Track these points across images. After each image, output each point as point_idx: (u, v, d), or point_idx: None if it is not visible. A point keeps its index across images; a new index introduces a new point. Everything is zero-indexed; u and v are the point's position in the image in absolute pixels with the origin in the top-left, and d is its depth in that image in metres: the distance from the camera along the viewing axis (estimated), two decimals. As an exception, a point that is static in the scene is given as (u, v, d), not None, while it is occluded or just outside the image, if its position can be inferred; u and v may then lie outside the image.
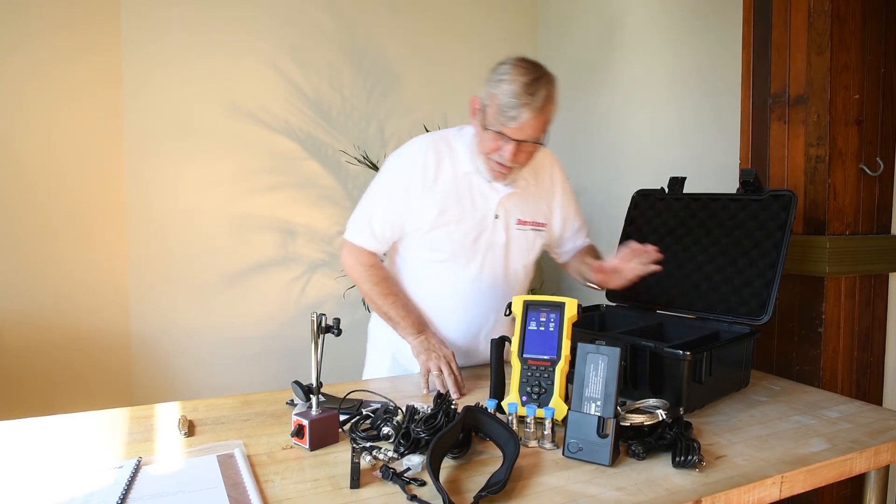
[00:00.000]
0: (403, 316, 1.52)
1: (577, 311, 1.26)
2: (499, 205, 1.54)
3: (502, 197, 1.54)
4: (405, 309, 1.53)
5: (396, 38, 3.15)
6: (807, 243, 1.73)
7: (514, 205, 1.57)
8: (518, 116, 1.35)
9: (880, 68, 1.76)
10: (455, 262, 1.54)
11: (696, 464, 1.02)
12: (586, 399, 1.08)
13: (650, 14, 2.69)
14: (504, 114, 1.36)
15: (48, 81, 2.51)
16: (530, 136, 1.39)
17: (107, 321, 2.69)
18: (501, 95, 1.36)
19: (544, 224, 1.63)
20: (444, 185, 1.51)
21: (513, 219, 1.57)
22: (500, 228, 1.55)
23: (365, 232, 1.56)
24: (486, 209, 1.53)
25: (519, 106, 1.34)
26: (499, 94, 1.37)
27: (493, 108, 1.38)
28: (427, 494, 0.93)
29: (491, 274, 1.57)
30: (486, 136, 1.41)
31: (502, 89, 1.36)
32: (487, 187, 1.53)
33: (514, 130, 1.37)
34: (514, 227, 1.57)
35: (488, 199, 1.53)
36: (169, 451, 1.10)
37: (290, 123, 2.95)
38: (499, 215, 1.54)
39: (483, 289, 1.57)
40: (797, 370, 1.77)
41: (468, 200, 1.52)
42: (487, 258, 1.55)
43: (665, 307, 1.62)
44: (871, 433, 1.18)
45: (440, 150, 1.52)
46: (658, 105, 2.66)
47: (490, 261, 1.56)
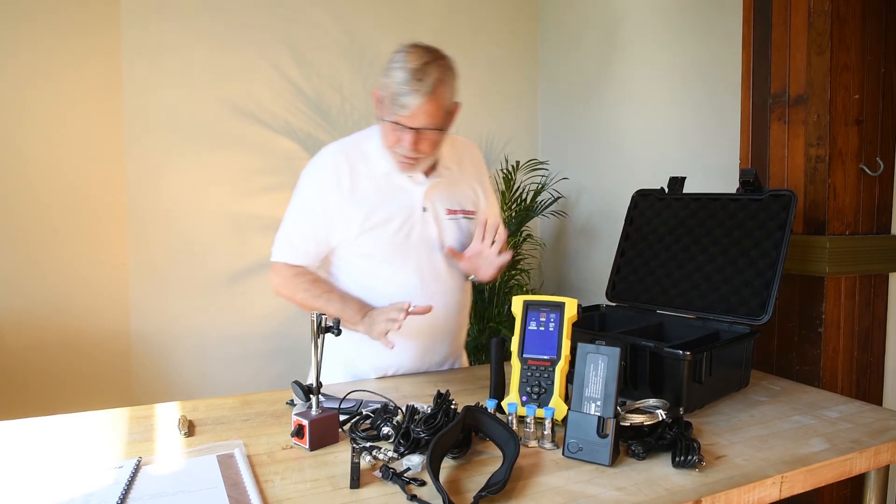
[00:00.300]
0: (342, 308, 1.46)
1: (577, 311, 1.26)
2: (424, 197, 1.51)
3: (426, 188, 1.50)
4: (342, 301, 1.48)
5: (396, 38, 3.14)
6: (807, 243, 1.73)
7: (441, 195, 1.53)
8: (408, 104, 1.32)
9: (880, 68, 1.76)
10: (391, 262, 1.51)
11: (696, 464, 1.02)
12: (586, 399, 1.08)
13: (650, 14, 2.69)
14: (395, 102, 1.33)
15: (49, 82, 2.51)
16: (426, 123, 1.35)
17: (107, 321, 2.69)
18: (392, 84, 1.33)
19: (474, 211, 1.60)
20: (363, 190, 1.47)
21: (441, 209, 1.53)
22: (431, 220, 1.52)
23: (287, 250, 1.52)
24: (412, 204, 1.50)
25: (409, 93, 1.31)
26: (390, 83, 1.33)
27: (388, 99, 1.35)
28: (427, 494, 0.93)
29: (431, 268, 1.53)
30: (386, 127, 1.39)
31: (392, 78, 1.33)
32: (409, 182, 1.49)
33: (408, 118, 1.34)
34: (444, 218, 1.54)
35: (412, 193, 1.50)
36: (169, 451, 1.10)
37: (290, 123, 2.95)
38: (426, 208, 1.51)
39: (427, 283, 1.53)
40: (797, 370, 1.77)
41: (391, 199, 1.48)
42: (424, 253, 1.52)
43: (665, 307, 1.62)
44: (871, 433, 1.18)
45: (351, 157, 1.49)
46: (658, 105, 2.66)
47: (427, 255, 1.52)
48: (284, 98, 2.94)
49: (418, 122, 1.35)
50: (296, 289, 1.50)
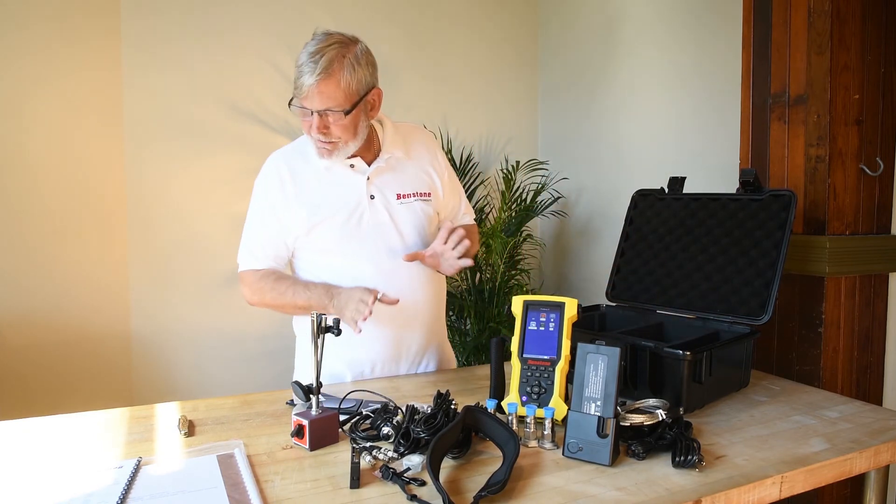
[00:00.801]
0: (309, 296, 1.47)
1: (577, 311, 1.26)
2: (369, 185, 1.51)
3: (370, 175, 1.51)
4: (307, 288, 1.48)
5: (396, 38, 3.15)
6: (807, 243, 1.73)
7: (388, 181, 1.54)
8: (303, 84, 1.34)
9: (880, 68, 1.76)
10: (346, 254, 1.51)
11: (696, 464, 1.02)
12: (586, 399, 1.08)
13: (650, 14, 2.69)
14: (295, 85, 1.36)
15: (49, 83, 2.51)
16: (324, 104, 1.35)
17: (107, 321, 2.69)
18: (295, 69, 1.36)
19: (429, 193, 1.59)
20: (306, 188, 1.50)
21: (391, 195, 1.53)
22: (380, 207, 1.51)
23: (249, 258, 1.57)
24: (357, 193, 1.50)
25: (303, 73, 1.33)
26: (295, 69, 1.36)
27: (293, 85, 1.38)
28: (427, 494, 0.93)
29: (390, 255, 1.52)
30: (296, 114, 1.41)
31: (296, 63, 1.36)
32: (351, 172, 1.50)
33: (305, 100, 1.36)
34: (394, 203, 1.53)
35: (356, 182, 1.51)
36: (169, 451, 1.10)
37: (290, 123, 2.95)
38: (374, 195, 1.51)
39: (385, 271, 1.52)
40: (797, 370, 1.77)
41: (335, 191, 1.50)
42: (378, 241, 1.51)
43: (665, 307, 1.62)
44: (871, 433, 1.18)
45: (291, 159, 1.53)
46: (658, 105, 2.66)
47: (383, 243, 1.52)
48: (284, 98, 2.92)
49: (315, 104, 1.36)
50: (262, 292, 1.53)
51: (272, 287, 1.51)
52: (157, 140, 2.74)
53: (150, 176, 2.74)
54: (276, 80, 2.91)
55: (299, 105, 1.38)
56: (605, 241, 3.05)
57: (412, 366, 1.61)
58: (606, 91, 2.97)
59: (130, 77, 2.68)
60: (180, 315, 2.81)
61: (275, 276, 1.54)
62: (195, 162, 2.81)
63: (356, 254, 1.51)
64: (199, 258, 2.83)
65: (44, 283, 2.54)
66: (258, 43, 2.87)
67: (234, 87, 2.85)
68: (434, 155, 1.64)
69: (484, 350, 3.02)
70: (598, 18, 3.02)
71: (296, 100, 1.38)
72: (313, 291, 1.48)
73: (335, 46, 1.34)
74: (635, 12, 2.77)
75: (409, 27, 3.19)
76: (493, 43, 3.42)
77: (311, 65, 1.32)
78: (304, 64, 1.33)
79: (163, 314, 2.79)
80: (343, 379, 1.56)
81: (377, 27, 3.11)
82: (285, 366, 2.92)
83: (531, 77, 3.55)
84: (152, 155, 2.74)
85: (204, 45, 2.78)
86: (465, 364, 2.98)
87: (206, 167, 2.82)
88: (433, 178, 1.61)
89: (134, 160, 2.71)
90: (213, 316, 2.86)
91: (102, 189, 2.66)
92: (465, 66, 3.35)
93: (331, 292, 1.46)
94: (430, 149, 1.64)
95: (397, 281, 1.52)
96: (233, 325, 2.89)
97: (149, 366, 2.78)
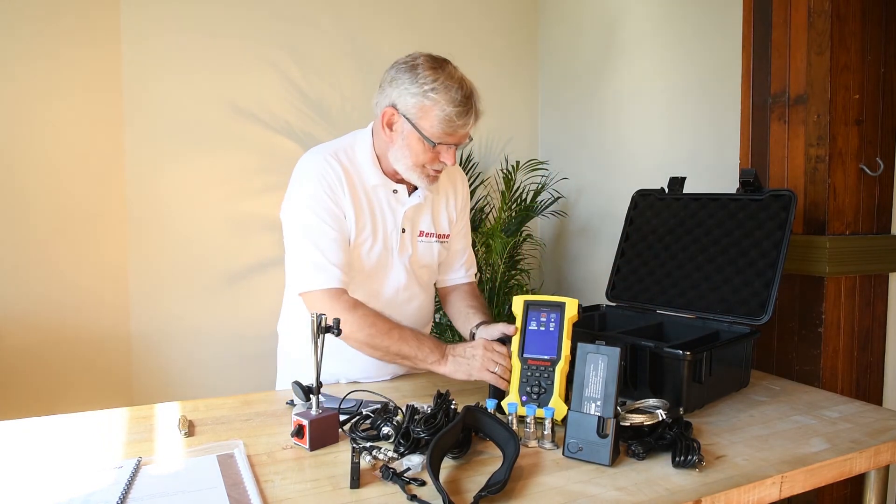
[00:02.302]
0: (418, 347, 1.34)
1: (578, 311, 1.26)
2: (405, 218, 1.48)
3: (407, 210, 1.48)
4: (417, 339, 1.35)
5: (396, 38, 3.15)
6: (807, 243, 1.73)
7: (418, 217, 1.52)
8: (467, 123, 1.34)
9: (880, 68, 1.76)
10: (376, 278, 1.48)
11: (696, 464, 1.02)
12: (586, 399, 1.08)
13: (650, 14, 2.69)
14: (444, 123, 1.32)
15: (48, 82, 2.51)
16: (464, 139, 1.39)
17: (107, 321, 2.69)
18: (441, 104, 1.31)
19: (447, 236, 1.58)
20: (356, 194, 1.43)
21: (416, 231, 1.52)
22: (408, 241, 1.50)
23: (324, 272, 1.35)
24: (394, 223, 1.47)
25: (463, 114, 1.32)
26: (434, 105, 1.31)
27: (431, 120, 1.32)
28: (427, 494, 0.93)
29: (407, 287, 1.52)
30: (422, 147, 1.35)
31: (437, 99, 1.31)
32: (393, 199, 1.47)
33: (459, 136, 1.36)
34: (417, 240, 1.52)
35: (396, 212, 1.47)
36: (169, 451, 1.10)
37: (290, 123, 2.95)
38: (405, 228, 1.49)
39: (401, 302, 1.52)
40: (797, 370, 1.77)
41: (379, 214, 1.46)
42: (401, 271, 1.50)
43: (665, 307, 1.62)
44: (871, 433, 1.18)
45: (341, 159, 1.42)
46: (658, 105, 2.66)
47: (404, 274, 1.50)
48: (284, 98, 2.94)
49: (465, 139, 1.38)
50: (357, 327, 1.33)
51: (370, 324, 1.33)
52: (157, 140, 2.74)
53: (150, 176, 2.74)
54: (276, 81, 2.91)
55: (450, 142, 1.35)
56: (605, 241, 3.05)
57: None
58: (606, 91, 2.97)
59: (130, 77, 2.68)
60: (180, 315, 2.81)
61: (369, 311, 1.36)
62: (195, 162, 2.80)
63: (383, 281, 1.49)
64: (199, 258, 2.83)
65: (43, 283, 2.54)
66: (258, 43, 2.87)
67: (234, 87, 2.85)
68: (458, 195, 1.61)
69: (484, 350, 3.02)
70: (598, 18, 3.02)
71: (441, 136, 1.33)
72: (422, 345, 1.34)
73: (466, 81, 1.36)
74: (635, 12, 2.77)
75: (410, 27, 3.19)
76: (493, 43, 3.42)
77: (470, 105, 1.34)
78: (461, 101, 1.32)
79: (163, 314, 2.79)
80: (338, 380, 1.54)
81: (377, 27, 3.11)
82: (285, 366, 2.94)
83: (531, 77, 3.55)
84: (152, 155, 2.74)
85: (204, 45, 2.78)
86: (465, 364, 2.97)
87: (206, 167, 2.82)
88: (453, 220, 1.60)
89: (134, 160, 2.71)
90: (212, 316, 2.86)
91: (102, 189, 2.66)
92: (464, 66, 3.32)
93: (446, 356, 1.34)
94: (457, 187, 1.61)
95: (408, 312, 1.53)
96: (233, 325, 2.89)
97: (149, 366, 2.78)
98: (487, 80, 3.42)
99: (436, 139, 1.33)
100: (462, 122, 1.33)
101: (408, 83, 1.33)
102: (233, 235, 2.88)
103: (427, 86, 1.31)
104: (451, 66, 1.37)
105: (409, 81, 1.33)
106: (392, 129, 1.38)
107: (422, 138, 1.34)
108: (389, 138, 1.39)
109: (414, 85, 1.32)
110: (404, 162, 1.38)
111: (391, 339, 1.33)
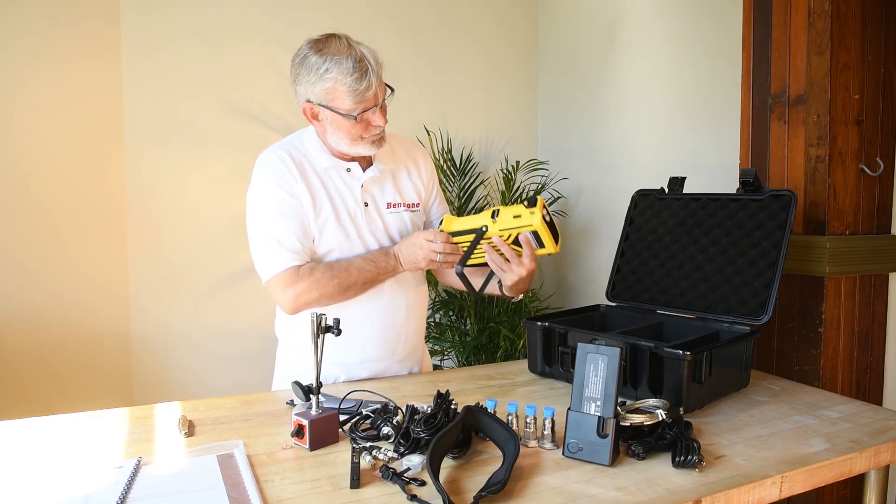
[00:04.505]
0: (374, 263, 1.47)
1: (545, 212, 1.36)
2: (363, 192, 1.52)
3: (364, 183, 1.52)
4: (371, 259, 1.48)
5: (396, 39, 3.15)
6: (807, 243, 1.73)
7: (380, 190, 1.56)
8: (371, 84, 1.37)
9: (880, 68, 1.76)
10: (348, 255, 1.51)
11: (696, 464, 1.02)
12: (586, 399, 1.08)
13: (650, 14, 2.69)
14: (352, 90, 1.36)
15: (48, 82, 2.51)
16: (383, 94, 1.43)
17: (107, 321, 2.69)
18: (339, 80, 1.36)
19: (417, 204, 1.61)
20: (310, 184, 1.48)
21: (382, 204, 1.56)
22: (374, 215, 1.54)
23: (285, 257, 1.43)
24: (354, 198, 1.52)
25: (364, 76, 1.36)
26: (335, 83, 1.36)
27: (340, 97, 1.38)
28: (427, 494, 0.93)
29: None
30: (350, 123, 1.41)
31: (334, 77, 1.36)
32: (348, 177, 1.51)
33: (373, 97, 1.39)
34: (385, 212, 1.56)
35: (352, 188, 1.52)
36: (169, 451, 1.10)
37: (290, 123, 2.95)
38: (367, 203, 1.53)
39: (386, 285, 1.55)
40: (797, 370, 1.77)
41: (336, 194, 1.50)
42: (373, 245, 1.53)
43: (665, 307, 1.62)
44: (871, 433, 1.18)
45: (290, 151, 1.49)
46: (658, 105, 2.66)
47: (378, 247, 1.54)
48: (284, 98, 2.93)
49: (380, 96, 1.42)
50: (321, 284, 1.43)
51: (331, 276, 1.44)
52: (157, 140, 2.74)
53: (150, 176, 2.74)
54: (276, 80, 2.91)
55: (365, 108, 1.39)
56: (605, 241, 3.05)
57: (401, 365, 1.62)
58: (606, 91, 2.97)
59: (130, 77, 2.68)
60: (180, 315, 2.81)
61: (323, 266, 1.45)
62: (195, 162, 2.80)
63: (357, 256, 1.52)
64: (199, 258, 2.83)
65: (44, 283, 2.54)
66: (258, 43, 2.87)
67: (234, 87, 2.85)
68: (421, 168, 1.65)
69: (484, 350, 3.02)
70: (598, 18, 3.02)
71: (359, 104, 1.38)
72: (375, 260, 1.48)
73: (359, 43, 1.40)
74: (635, 12, 2.77)
75: (410, 27, 3.19)
76: (493, 43, 3.42)
77: (367, 63, 1.37)
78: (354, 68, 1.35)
79: (163, 314, 2.79)
80: (336, 380, 1.55)
81: (377, 27, 3.10)
82: (285, 366, 2.94)
83: (531, 77, 3.55)
84: (152, 155, 2.74)
85: (204, 45, 2.78)
86: (465, 364, 2.98)
87: (206, 167, 2.82)
88: (420, 191, 1.63)
89: (134, 160, 2.71)
90: (213, 316, 2.86)
91: (102, 189, 2.66)
92: (465, 67, 3.35)
93: (389, 252, 1.49)
94: (418, 160, 1.65)
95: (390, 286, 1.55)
96: (233, 324, 2.89)
97: (149, 366, 2.78)
98: (487, 80, 3.44)
99: (354, 112, 1.39)
100: (365, 86, 1.36)
101: (306, 74, 1.39)
102: (233, 235, 2.88)
103: (321, 70, 1.37)
104: (336, 38, 1.41)
105: (306, 72, 1.39)
106: (319, 120, 1.45)
107: (343, 116, 1.40)
108: (321, 128, 1.47)
109: (311, 74, 1.38)
110: (344, 142, 1.45)
111: (352, 274, 1.46)
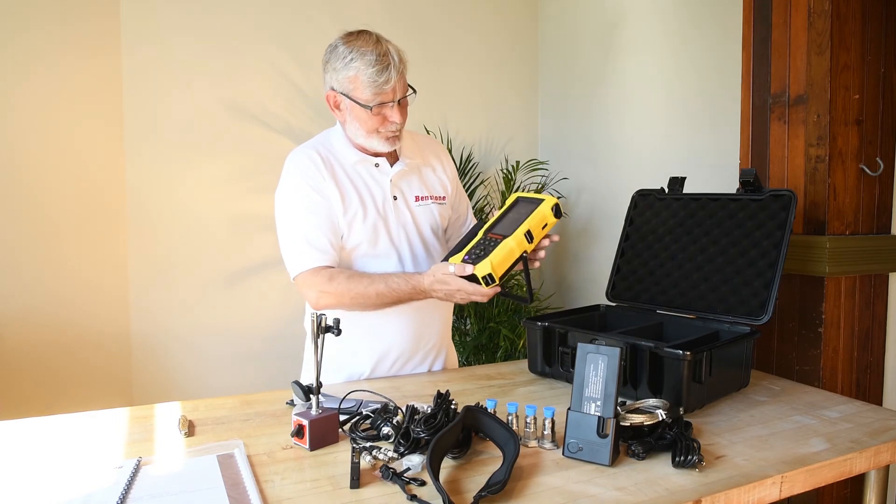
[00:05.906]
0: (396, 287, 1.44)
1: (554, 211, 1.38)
2: (392, 186, 1.55)
3: (393, 177, 1.55)
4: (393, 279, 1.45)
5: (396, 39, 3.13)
6: (807, 243, 1.73)
7: (408, 184, 1.59)
8: (391, 78, 1.40)
9: (880, 68, 1.76)
10: (378, 251, 1.54)
11: (696, 464, 1.02)
12: (586, 399, 1.08)
13: (650, 14, 2.69)
14: (374, 83, 1.40)
15: (48, 82, 2.51)
16: (403, 91, 1.46)
17: (107, 321, 2.69)
18: (362, 69, 1.40)
19: (444, 197, 1.65)
20: (339, 181, 1.50)
21: (410, 197, 1.59)
22: (403, 208, 1.56)
23: (312, 255, 1.45)
24: (383, 192, 1.54)
25: (385, 70, 1.40)
26: (357, 73, 1.41)
27: (360, 87, 1.41)
28: (427, 494, 0.93)
29: (412, 254, 1.58)
30: (367, 114, 1.44)
31: (357, 66, 1.40)
32: (377, 172, 1.54)
33: (391, 91, 1.42)
34: (413, 205, 1.59)
35: (381, 182, 1.54)
36: (169, 451, 1.10)
37: (290, 123, 2.95)
38: (396, 196, 1.56)
39: (409, 268, 1.57)
40: (797, 370, 1.77)
41: (365, 188, 1.53)
42: (403, 239, 1.56)
43: (665, 307, 1.62)
44: (871, 433, 1.18)
45: (319, 149, 1.53)
46: (658, 105, 2.66)
47: (407, 242, 1.57)
48: (284, 98, 2.94)
49: (399, 92, 1.45)
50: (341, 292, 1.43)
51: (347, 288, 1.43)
52: (158, 140, 2.74)
53: (150, 176, 2.74)
54: (276, 81, 2.91)
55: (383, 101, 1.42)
56: (605, 241, 3.05)
57: (425, 360, 1.64)
58: (606, 91, 2.97)
59: (130, 77, 2.68)
60: (180, 315, 2.81)
61: (346, 273, 1.46)
62: (195, 162, 2.80)
63: (387, 252, 1.55)
64: (199, 258, 2.83)
65: (43, 283, 2.54)
66: (259, 43, 2.87)
67: (234, 88, 2.85)
68: (445, 165, 1.69)
69: (484, 350, 3.02)
70: (598, 18, 3.02)
71: (377, 95, 1.41)
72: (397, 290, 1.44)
73: (388, 41, 1.46)
74: (635, 13, 2.77)
75: (410, 27, 3.19)
76: (493, 43, 3.42)
77: (390, 58, 1.41)
78: (377, 60, 1.40)
79: (163, 314, 2.79)
80: (361, 372, 1.58)
81: (377, 27, 3.07)
82: (285, 366, 2.94)
83: (531, 77, 3.55)
84: (152, 155, 2.74)
85: (204, 46, 2.78)
86: (465, 364, 2.98)
87: (206, 167, 2.82)
88: (446, 185, 1.66)
89: (134, 160, 2.71)
90: (213, 316, 2.86)
91: (102, 189, 2.66)
92: (465, 66, 3.35)
93: (415, 287, 1.44)
94: (441, 158, 1.69)
95: None
96: (233, 325, 2.89)
97: (149, 366, 2.78)
98: (487, 80, 3.44)
99: (371, 103, 1.42)
100: (385, 79, 1.40)
101: (334, 62, 1.45)
102: (233, 235, 2.88)
103: (347, 58, 1.42)
104: (368, 33, 1.46)
105: (334, 61, 1.45)
106: (340, 109, 1.49)
107: (361, 107, 1.43)
108: (342, 118, 1.50)
109: (338, 62, 1.44)
110: (360, 133, 1.48)
111: (369, 297, 1.44)
